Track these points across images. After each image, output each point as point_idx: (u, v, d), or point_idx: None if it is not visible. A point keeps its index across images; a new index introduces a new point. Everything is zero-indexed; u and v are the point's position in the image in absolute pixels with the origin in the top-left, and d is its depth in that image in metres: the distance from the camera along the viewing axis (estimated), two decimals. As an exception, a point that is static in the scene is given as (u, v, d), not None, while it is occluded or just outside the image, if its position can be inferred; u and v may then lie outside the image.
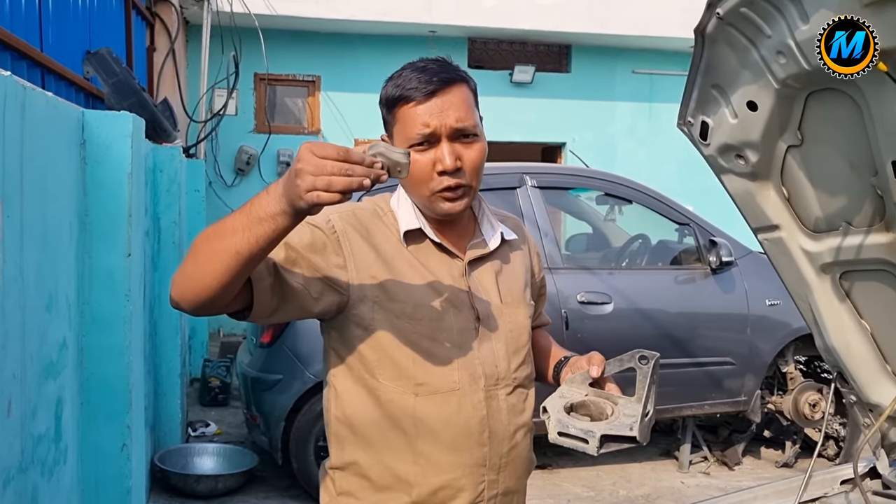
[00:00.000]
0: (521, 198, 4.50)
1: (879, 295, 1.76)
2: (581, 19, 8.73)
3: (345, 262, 1.37)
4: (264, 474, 4.56)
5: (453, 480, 1.41)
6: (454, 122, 1.36)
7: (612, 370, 1.41)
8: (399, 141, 1.39)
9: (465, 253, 1.47)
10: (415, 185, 1.40)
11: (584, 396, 1.38)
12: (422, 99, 1.35)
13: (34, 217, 2.39)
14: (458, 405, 1.40)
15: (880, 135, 1.46)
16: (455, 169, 1.37)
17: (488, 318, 1.45)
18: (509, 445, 1.46)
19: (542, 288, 1.71)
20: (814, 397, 4.70)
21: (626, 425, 1.30)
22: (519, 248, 1.59)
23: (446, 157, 1.36)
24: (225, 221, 1.19)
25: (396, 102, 1.37)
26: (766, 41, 1.48)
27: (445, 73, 1.38)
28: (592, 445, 1.28)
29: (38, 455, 2.43)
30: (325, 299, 1.36)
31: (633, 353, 1.40)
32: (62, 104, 2.77)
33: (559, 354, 1.60)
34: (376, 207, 1.48)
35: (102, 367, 2.98)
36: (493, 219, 1.54)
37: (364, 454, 1.42)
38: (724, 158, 1.77)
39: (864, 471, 2.01)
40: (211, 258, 1.18)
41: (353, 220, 1.42)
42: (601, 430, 1.29)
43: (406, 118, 1.37)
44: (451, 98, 1.37)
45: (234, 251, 1.16)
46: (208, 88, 7.95)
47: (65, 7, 4.40)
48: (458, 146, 1.38)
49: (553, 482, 4.68)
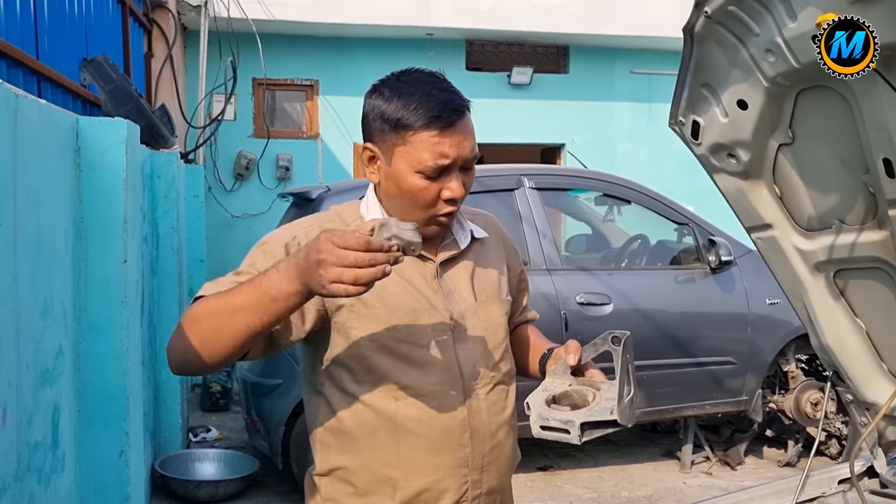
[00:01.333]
0: (519, 199, 4.50)
1: (874, 293, 1.75)
2: (578, 20, 8.72)
3: None
4: (265, 479, 4.56)
5: (436, 482, 1.41)
6: (468, 152, 1.38)
7: (588, 356, 1.40)
8: (403, 161, 1.36)
9: (436, 255, 1.48)
10: (414, 209, 1.39)
11: (567, 386, 1.38)
12: (445, 130, 1.34)
13: (28, 224, 2.38)
14: (437, 407, 1.40)
15: (871, 132, 1.45)
16: (461, 197, 1.40)
17: (463, 318, 1.45)
18: (491, 444, 1.46)
19: (522, 283, 1.70)
20: (815, 396, 4.69)
21: (606, 410, 1.29)
22: (493, 246, 1.59)
23: (457, 188, 1.38)
24: (229, 298, 1.22)
25: (411, 127, 1.34)
26: (755, 39, 1.48)
27: (458, 99, 1.37)
28: (574, 435, 1.28)
29: (35, 463, 2.43)
30: (310, 318, 1.39)
31: (605, 335, 1.38)
32: (56, 111, 2.76)
33: (543, 347, 1.59)
34: (341, 217, 1.48)
35: (99, 374, 2.97)
36: (464, 218, 1.54)
37: (347, 459, 1.43)
38: (716, 157, 1.77)
39: (862, 470, 2.00)
40: (219, 334, 1.23)
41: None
42: (581, 419, 1.29)
43: (422, 145, 1.34)
44: (466, 127, 1.37)
45: (245, 328, 1.21)
46: (206, 94, 7.95)
47: (61, 14, 4.40)
48: (462, 173, 1.40)
49: (555, 484, 4.67)
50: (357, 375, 1.40)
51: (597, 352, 1.39)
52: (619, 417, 1.28)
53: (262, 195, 8.60)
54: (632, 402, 1.34)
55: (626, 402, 1.32)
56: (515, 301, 1.65)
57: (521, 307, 1.70)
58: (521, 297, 1.70)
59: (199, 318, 1.26)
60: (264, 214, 8.47)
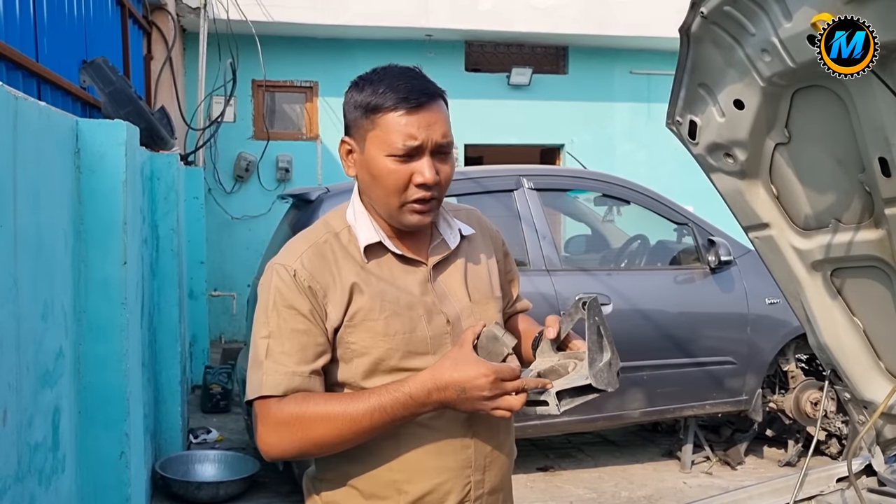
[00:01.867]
0: (518, 200, 4.50)
1: (871, 291, 1.75)
2: (577, 21, 8.73)
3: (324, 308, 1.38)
4: (266, 480, 4.56)
5: (440, 484, 1.42)
6: (440, 137, 1.37)
7: (567, 327, 1.41)
8: (374, 146, 1.38)
9: (427, 258, 1.47)
10: (388, 195, 1.39)
11: (553, 362, 1.38)
12: (411, 110, 1.35)
13: (28, 226, 2.39)
14: (440, 410, 1.39)
15: (866, 131, 1.46)
16: (434, 183, 1.38)
17: (459, 321, 1.45)
18: (493, 444, 1.47)
19: (511, 273, 1.69)
20: (815, 395, 4.69)
21: (582, 376, 1.29)
22: (481, 241, 1.59)
23: (427, 171, 1.36)
24: (349, 412, 1.32)
25: (380, 109, 1.36)
26: (751, 39, 1.48)
27: (430, 86, 1.39)
28: (553, 404, 1.29)
29: (36, 464, 2.43)
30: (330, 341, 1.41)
31: (576, 302, 1.39)
32: (55, 113, 2.77)
33: (534, 332, 1.58)
34: (329, 228, 1.47)
35: (99, 376, 2.98)
36: (450, 217, 1.54)
37: (350, 464, 1.43)
38: (713, 157, 1.78)
39: (860, 468, 2.00)
40: (347, 443, 1.35)
41: (315, 258, 1.41)
42: (556, 387, 1.29)
43: (391, 126, 1.35)
44: (437, 112, 1.38)
45: (373, 435, 1.35)
46: (206, 96, 7.97)
47: (60, 17, 4.41)
48: (436, 160, 1.39)
49: (555, 484, 4.67)
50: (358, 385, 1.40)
51: (573, 321, 1.39)
52: (595, 381, 1.28)
53: (262, 197, 8.62)
54: (609, 366, 1.33)
55: (602, 365, 1.31)
56: (506, 292, 1.65)
57: (513, 298, 1.70)
58: (511, 287, 1.70)
59: (321, 434, 1.33)
60: (264, 216, 8.48)
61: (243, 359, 4.86)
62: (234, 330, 8.49)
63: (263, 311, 1.40)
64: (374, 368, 1.39)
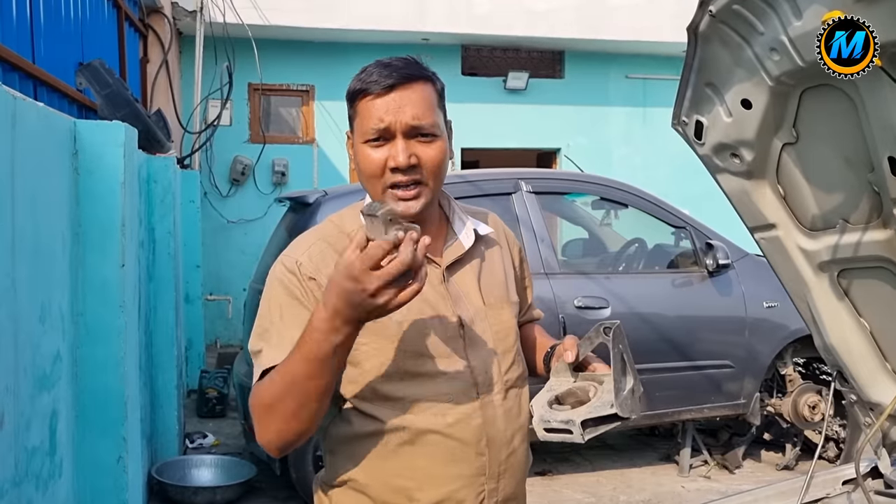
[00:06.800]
0: (516, 203, 4.49)
1: (878, 292, 1.74)
2: (574, 25, 8.75)
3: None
4: (263, 485, 4.53)
5: (453, 492, 1.38)
6: (410, 118, 1.33)
7: (586, 350, 1.37)
8: (357, 135, 1.38)
9: (440, 257, 1.44)
10: (369, 182, 1.38)
11: (570, 384, 1.34)
12: (380, 92, 1.33)
13: (26, 228, 2.37)
14: (452, 417, 1.36)
15: (876, 130, 1.45)
16: (408, 166, 1.33)
17: (473, 324, 1.41)
18: (507, 451, 1.43)
19: (526, 280, 1.66)
20: (813, 399, 4.69)
21: (606, 404, 1.26)
22: (496, 243, 1.55)
23: (399, 154, 1.33)
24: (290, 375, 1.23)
25: (357, 95, 1.36)
26: (760, 38, 1.47)
27: (408, 69, 1.36)
28: (577, 434, 1.25)
29: (33, 468, 2.41)
30: None
31: (597, 326, 1.35)
32: (54, 115, 2.75)
33: (547, 345, 1.56)
34: (341, 225, 1.44)
35: (97, 379, 2.95)
36: (464, 215, 1.50)
37: (361, 471, 1.39)
38: (720, 157, 1.76)
39: (866, 470, 1.99)
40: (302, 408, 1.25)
41: (322, 252, 1.38)
42: (581, 416, 1.25)
43: (364, 111, 1.35)
44: (410, 95, 1.34)
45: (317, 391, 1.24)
46: (202, 99, 7.95)
47: (57, 19, 4.39)
48: (416, 144, 1.35)
49: (553, 489, 4.65)
50: (369, 391, 1.37)
51: (592, 345, 1.36)
52: (620, 410, 1.25)
53: (258, 200, 8.59)
54: (633, 393, 1.30)
55: (626, 393, 1.29)
56: (521, 298, 1.61)
57: (527, 305, 1.66)
58: (526, 294, 1.66)
59: (273, 405, 1.27)
60: (260, 220, 8.46)
61: (239, 363, 4.84)
62: (229, 334, 8.45)
63: (266, 302, 1.38)
64: (385, 371, 1.35)
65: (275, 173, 8.69)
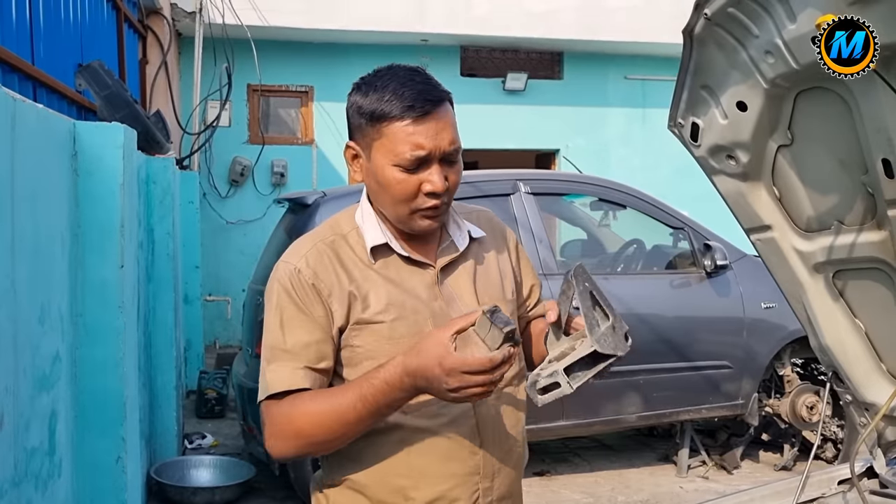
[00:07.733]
0: (515, 204, 4.50)
1: (873, 293, 1.75)
2: (572, 26, 8.76)
3: (328, 307, 1.37)
4: (261, 486, 4.54)
5: (447, 491, 1.40)
6: (448, 145, 1.34)
7: (566, 307, 1.34)
8: (380, 155, 1.35)
9: (435, 260, 1.45)
10: (396, 204, 1.37)
11: (562, 348, 1.33)
12: (418, 119, 1.31)
13: (25, 229, 2.38)
14: (447, 417, 1.38)
15: (870, 132, 1.46)
16: (444, 191, 1.35)
17: None
18: (502, 450, 1.44)
19: (528, 276, 1.64)
20: (811, 399, 4.70)
21: (586, 346, 1.25)
22: (492, 243, 1.55)
23: (438, 181, 1.34)
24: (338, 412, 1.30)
25: (385, 118, 1.33)
26: (755, 41, 1.49)
27: (436, 90, 1.35)
28: (564, 383, 1.25)
29: (32, 469, 2.41)
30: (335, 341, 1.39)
31: (565, 277, 1.33)
32: (53, 116, 2.76)
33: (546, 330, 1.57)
34: (337, 229, 1.45)
35: (96, 380, 2.96)
36: (459, 218, 1.51)
37: (358, 469, 1.41)
38: (715, 159, 1.77)
39: (861, 470, 2.00)
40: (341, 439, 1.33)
41: (320, 257, 1.40)
42: (563, 364, 1.25)
43: (397, 136, 1.32)
44: (444, 120, 1.34)
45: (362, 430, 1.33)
46: (201, 100, 7.95)
47: (56, 20, 4.40)
48: (444, 166, 1.36)
49: (551, 489, 4.66)
50: None
51: (570, 299, 1.33)
52: (599, 346, 1.23)
53: (257, 201, 8.60)
54: (613, 329, 1.28)
55: (604, 329, 1.27)
56: (529, 294, 1.62)
57: (536, 300, 1.65)
58: (533, 290, 1.64)
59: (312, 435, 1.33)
60: (259, 221, 8.46)
61: (238, 364, 4.84)
62: (228, 335, 8.46)
63: (269, 311, 1.40)
64: None
65: (274, 174, 8.70)
